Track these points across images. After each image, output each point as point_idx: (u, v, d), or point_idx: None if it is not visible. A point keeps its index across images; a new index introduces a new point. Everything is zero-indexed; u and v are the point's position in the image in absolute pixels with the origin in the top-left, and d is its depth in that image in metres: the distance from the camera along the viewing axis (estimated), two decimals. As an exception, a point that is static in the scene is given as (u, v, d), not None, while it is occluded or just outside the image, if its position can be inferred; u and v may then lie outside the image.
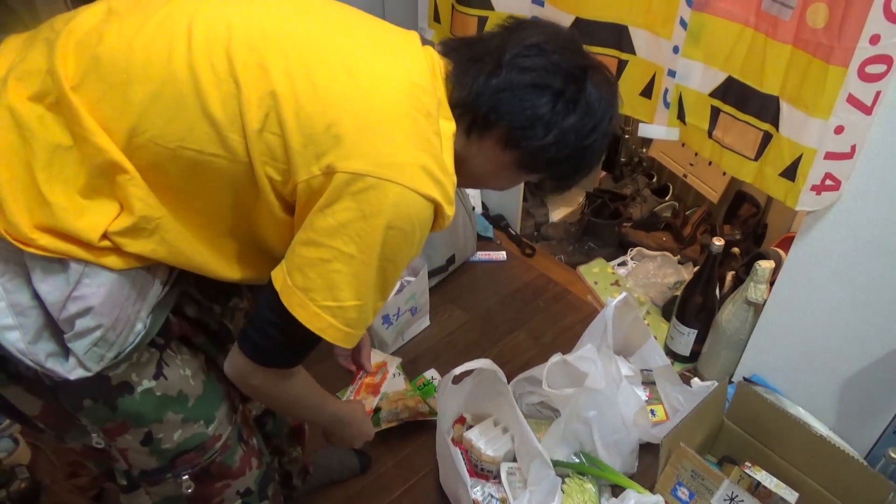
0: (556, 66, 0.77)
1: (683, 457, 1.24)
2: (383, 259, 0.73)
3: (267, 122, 0.69)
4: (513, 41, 0.79)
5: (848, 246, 1.24)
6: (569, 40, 0.81)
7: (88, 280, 0.71)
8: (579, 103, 0.78)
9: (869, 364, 1.31)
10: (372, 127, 0.70)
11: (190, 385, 0.84)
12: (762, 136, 1.21)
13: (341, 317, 0.74)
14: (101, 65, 0.69)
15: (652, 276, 1.90)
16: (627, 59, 1.40)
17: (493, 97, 0.77)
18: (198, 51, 0.70)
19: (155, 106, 0.69)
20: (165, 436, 0.83)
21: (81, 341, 0.72)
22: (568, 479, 1.34)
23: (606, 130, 0.82)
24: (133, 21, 0.72)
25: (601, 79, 0.80)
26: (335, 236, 0.70)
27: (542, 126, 0.78)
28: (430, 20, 1.76)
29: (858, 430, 1.38)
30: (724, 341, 1.54)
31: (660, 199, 2.18)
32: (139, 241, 0.72)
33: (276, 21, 0.74)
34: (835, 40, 1.04)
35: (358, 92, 0.71)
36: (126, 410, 0.79)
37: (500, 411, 1.38)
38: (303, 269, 0.72)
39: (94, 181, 0.70)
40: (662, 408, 1.51)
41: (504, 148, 0.81)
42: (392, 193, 0.70)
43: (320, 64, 0.72)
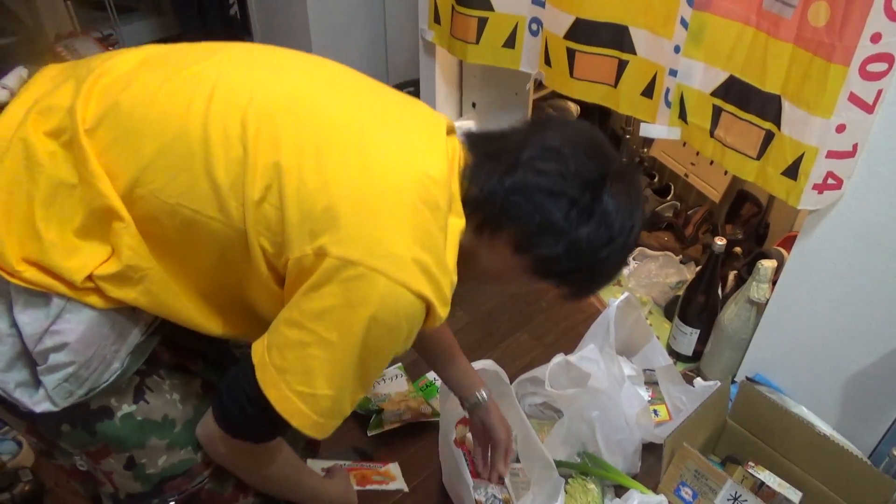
0: (573, 173, 0.73)
1: (687, 457, 1.24)
2: (364, 350, 0.70)
3: (268, 193, 0.68)
4: (532, 141, 0.75)
5: (850, 244, 1.24)
6: (591, 145, 0.77)
7: (69, 316, 0.71)
8: (594, 213, 0.73)
9: (872, 363, 1.31)
10: (371, 213, 0.68)
11: (178, 409, 0.82)
12: (764, 134, 1.21)
13: (313, 405, 0.71)
14: (120, 111, 0.70)
15: (654, 275, 1.90)
16: (628, 60, 1.40)
17: (505, 198, 0.74)
18: (215, 112, 0.69)
19: (162, 160, 0.69)
20: (149, 461, 0.81)
21: (52, 376, 0.71)
22: (571, 479, 1.34)
23: (625, 244, 0.77)
24: (161, 74, 0.73)
25: (621, 188, 0.75)
26: (318, 320, 0.68)
27: (553, 234, 0.74)
28: (431, 21, 1.76)
29: (862, 428, 1.38)
30: (726, 341, 1.53)
31: (661, 199, 2.18)
32: (123, 289, 0.72)
33: (301, 92, 0.73)
34: (836, 39, 1.04)
35: (365, 176, 0.69)
36: (106, 435, 0.78)
37: (503, 412, 1.38)
38: (282, 349, 0.70)
39: (89, 223, 0.70)
40: (665, 408, 1.51)
41: (514, 252, 0.76)
42: (380, 285, 0.67)
43: (334, 142, 0.70)
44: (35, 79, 0.78)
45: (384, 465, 1.38)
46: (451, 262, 0.74)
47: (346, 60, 0.82)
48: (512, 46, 1.61)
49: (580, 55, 1.46)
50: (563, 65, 1.50)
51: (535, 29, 1.55)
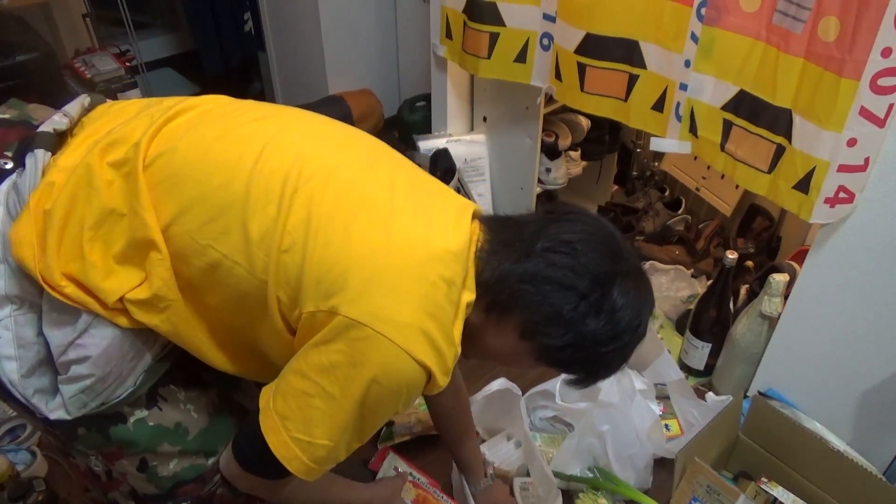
0: (584, 268, 0.75)
1: (699, 472, 1.23)
2: (363, 408, 0.73)
3: (293, 248, 0.72)
4: (548, 232, 0.77)
5: (863, 258, 1.24)
6: (606, 242, 0.79)
7: (94, 331, 0.75)
8: (602, 309, 0.75)
9: (887, 377, 1.29)
10: (386, 281, 0.71)
11: (192, 419, 0.86)
12: (775, 148, 1.21)
13: (309, 452, 0.74)
14: (176, 155, 0.75)
15: (665, 289, 1.90)
16: (639, 74, 1.41)
17: (516, 284, 0.76)
18: (259, 171, 0.74)
19: (202, 204, 0.74)
20: (161, 465, 0.84)
21: (71, 386, 0.76)
22: (582, 493, 1.33)
23: (631, 341, 0.78)
24: (221, 126, 0.79)
25: (630, 286, 0.77)
26: (322, 374, 0.71)
27: (560, 326, 0.75)
28: (443, 36, 1.78)
29: (877, 444, 1.36)
30: (738, 355, 1.52)
31: (672, 213, 2.18)
32: (148, 314, 0.77)
33: (341, 164, 0.77)
34: (846, 53, 1.04)
35: (386, 246, 0.72)
36: (119, 438, 0.81)
37: (513, 426, 1.38)
38: (286, 397, 0.74)
39: (129, 251, 0.75)
40: (677, 422, 1.50)
41: (521, 337, 0.78)
42: (384, 349, 0.70)
43: (362, 213, 0.74)
44: (106, 110, 0.84)
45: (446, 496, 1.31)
46: (457, 334, 0.76)
47: (358, 76, 0.87)
48: (523, 61, 1.62)
49: (591, 69, 1.47)
50: (573, 79, 1.51)
51: (547, 44, 1.57)
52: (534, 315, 0.76)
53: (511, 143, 1.96)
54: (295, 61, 2.46)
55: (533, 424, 1.47)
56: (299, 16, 2.27)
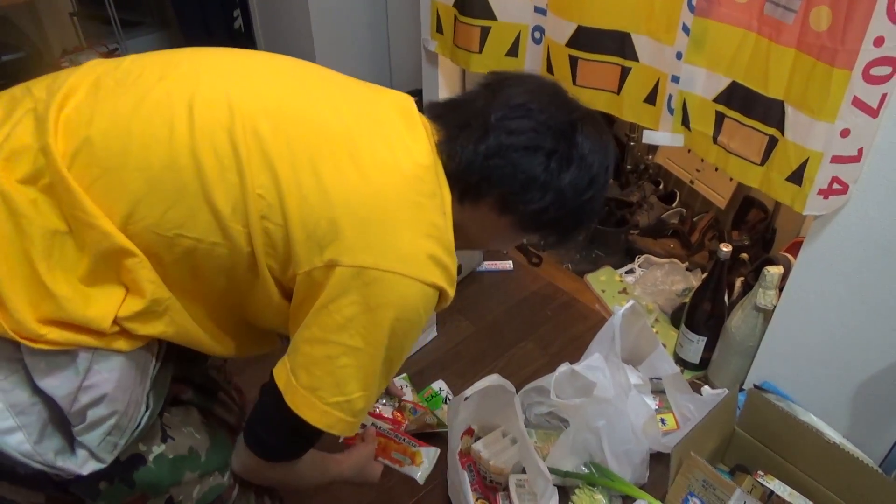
0: (544, 125, 0.75)
1: (694, 466, 1.23)
2: (390, 349, 0.72)
3: (270, 212, 0.68)
4: (497, 102, 0.76)
5: (857, 249, 1.23)
6: (554, 92, 0.79)
7: (98, 367, 0.68)
8: (573, 160, 0.76)
9: (882, 369, 1.29)
10: (376, 219, 0.69)
11: (196, 439, 0.81)
12: (767, 140, 1.20)
13: (349, 410, 0.74)
14: (94, 147, 0.66)
15: (660, 283, 1.89)
16: (631, 66, 1.40)
17: (483, 165, 0.75)
18: (200, 136, 0.67)
19: (153, 193, 0.67)
20: (185, 496, 0.80)
21: (94, 432, 0.69)
22: (578, 490, 1.33)
23: (605, 182, 0.80)
24: (127, 99, 0.69)
25: (591, 130, 0.78)
26: (342, 332, 0.70)
27: (538, 188, 0.75)
28: (433, 31, 1.77)
29: (873, 436, 1.36)
30: (733, 348, 1.52)
31: (667, 206, 2.17)
32: (150, 324, 0.71)
33: (278, 100, 0.72)
34: (838, 43, 1.03)
35: (363, 182, 0.70)
36: (144, 482, 0.75)
37: (509, 422, 1.37)
38: (308, 368, 0.72)
39: (97, 267, 0.67)
40: (672, 416, 1.49)
41: (500, 213, 0.78)
42: (399, 286, 0.69)
43: (324, 151, 0.70)
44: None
45: (423, 445, 1.30)
46: (452, 241, 0.75)
47: (349, 70, 0.82)
48: (515, 55, 1.61)
49: (583, 62, 1.46)
50: (565, 72, 1.50)
51: (538, 37, 1.56)
52: (509, 187, 0.75)
53: (504, 137, 1.94)
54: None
55: (528, 420, 1.47)
56: (289, 12, 2.26)
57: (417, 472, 1.32)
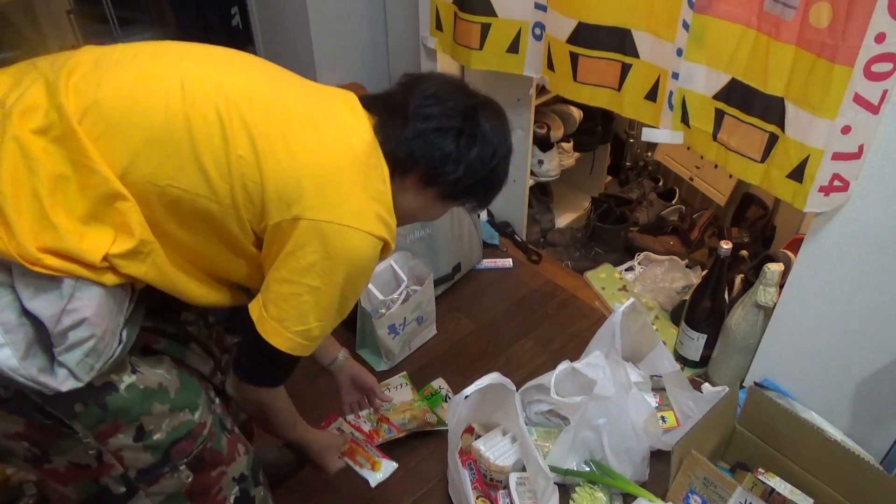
0: (452, 110, 0.91)
1: (695, 464, 1.23)
2: (345, 289, 0.88)
3: (249, 172, 0.81)
4: (414, 94, 0.92)
5: (858, 247, 1.23)
6: (458, 85, 0.97)
7: (80, 294, 0.76)
8: (477, 136, 0.92)
9: (883, 366, 1.29)
10: (335, 182, 0.84)
11: (166, 378, 0.89)
12: (768, 137, 1.20)
13: (307, 336, 0.89)
14: (102, 107, 0.78)
15: (660, 280, 1.89)
16: (631, 63, 1.40)
17: (407, 145, 0.90)
18: (191, 106, 0.80)
19: (151, 148, 0.79)
20: (155, 427, 0.86)
21: (74, 352, 0.76)
22: (579, 487, 1.33)
23: (506, 153, 0.97)
24: (128, 73, 0.82)
25: (490, 112, 0.95)
26: (306, 274, 0.84)
27: (452, 162, 0.91)
28: (433, 28, 1.76)
29: (873, 434, 1.36)
30: (734, 346, 1.52)
31: (666, 203, 2.17)
32: (135, 264, 0.80)
33: (253, 85, 0.86)
34: (839, 39, 1.03)
35: (324, 153, 0.85)
36: (116, 406, 0.83)
37: (509, 420, 1.37)
38: (277, 303, 0.87)
39: (95, 209, 0.77)
40: (673, 414, 1.49)
41: (425, 186, 0.94)
42: (353, 237, 0.85)
43: (293, 127, 0.84)
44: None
45: (386, 458, 1.41)
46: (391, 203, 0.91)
47: (348, 68, 0.92)
48: (516, 51, 1.61)
49: (583, 59, 1.46)
50: (566, 69, 1.50)
51: (539, 33, 1.55)
52: (429, 163, 0.91)
53: (503, 135, 1.94)
54: (284, 56, 2.44)
55: (528, 419, 1.47)
56: (287, 9, 2.25)
57: (374, 476, 1.40)
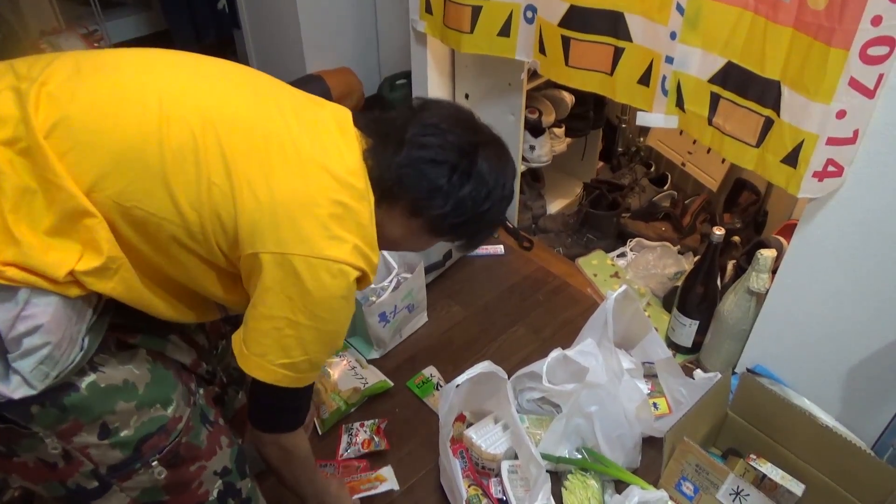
0: (450, 144, 0.88)
1: (687, 451, 1.22)
2: (326, 322, 0.86)
3: (223, 201, 0.79)
4: (414, 120, 0.90)
5: (851, 233, 1.22)
6: (464, 119, 0.93)
7: (36, 300, 0.74)
8: (472, 175, 0.89)
9: (875, 352, 1.29)
10: (311, 214, 0.81)
11: (135, 374, 0.87)
12: (763, 121, 1.19)
13: (294, 368, 0.87)
14: (72, 122, 0.75)
15: (652, 266, 1.88)
16: (624, 47, 1.37)
17: (397, 172, 0.87)
18: (166, 127, 0.77)
19: (119, 168, 0.76)
20: (122, 424, 0.84)
21: (27, 360, 0.74)
22: (570, 475, 1.32)
23: (501, 197, 0.93)
24: (105, 86, 0.79)
25: (491, 152, 0.91)
26: (283, 309, 0.82)
27: (441, 196, 0.88)
28: (422, 11, 1.73)
29: (865, 419, 1.36)
30: (726, 332, 1.52)
31: (658, 189, 2.16)
32: (102, 281, 0.78)
33: (234, 107, 0.83)
34: (836, 22, 1.01)
35: (303, 184, 0.82)
36: (75, 406, 0.80)
37: (500, 408, 1.36)
38: (258, 340, 0.85)
39: (61, 224, 0.75)
40: (665, 401, 1.49)
41: (410, 216, 0.91)
42: (327, 269, 0.82)
43: (272, 153, 0.81)
44: None
45: (375, 470, 1.36)
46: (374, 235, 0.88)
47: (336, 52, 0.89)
48: (507, 35, 1.58)
49: (575, 43, 1.43)
50: (558, 53, 1.48)
51: (530, 16, 1.52)
52: (417, 193, 0.88)
53: (494, 120, 1.89)
54: (271, 40, 2.40)
55: (520, 406, 1.46)
56: (274, -8, 2.20)
57: (388, 485, 1.33)
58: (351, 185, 0.84)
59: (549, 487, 1.20)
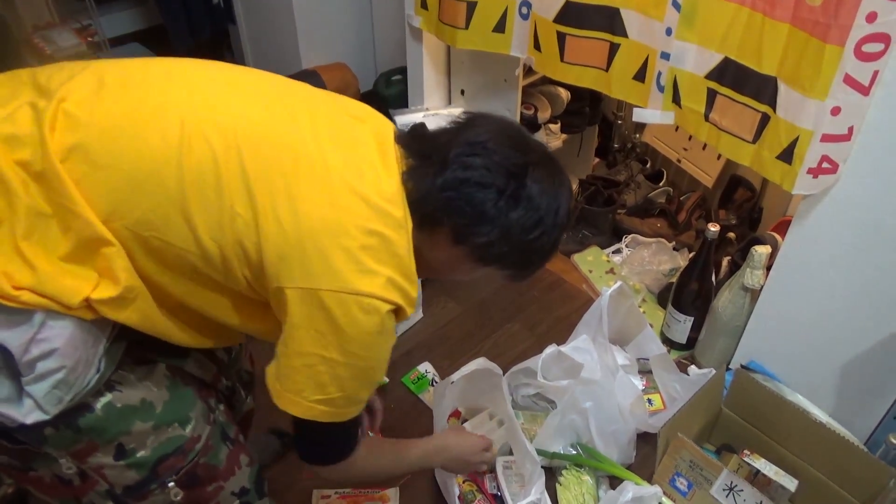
0: (497, 165, 0.79)
1: (681, 447, 1.23)
2: (361, 359, 0.81)
3: (247, 231, 0.74)
4: (459, 139, 0.81)
5: (845, 229, 1.22)
6: (514, 136, 0.84)
7: (52, 322, 0.71)
8: (521, 199, 0.80)
9: (868, 348, 1.29)
10: (341, 245, 0.75)
11: (153, 392, 0.84)
12: (760, 117, 1.19)
13: (331, 403, 0.82)
14: (90, 145, 0.71)
15: (647, 263, 1.88)
16: (619, 43, 1.37)
17: (439, 195, 0.79)
18: (187, 152, 0.73)
19: (136, 197, 0.72)
20: (137, 445, 0.82)
21: (41, 384, 0.72)
22: (565, 471, 1.33)
23: (554, 224, 0.83)
24: (127, 105, 0.74)
25: (543, 174, 0.82)
26: (315, 346, 0.78)
27: (486, 223, 0.80)
28: (418, 7, 1.73)
29: (858, 415, 1.37)
30: (720, 328, 1.52)
31: (654, 185, 2.16)
32: (118, 310, 0.75)
33: (262, 125, 0.77)
34: (831, 18, 1.01)
35: (332, 212, 0.76)
36: (90, 427, 0.78)
37: (496, 404, 1.37)
38: (291, 377, 0.80)
39: (77, 251, 0.72)
40: (659, 397, 1.49)
41: (454, 243, 0.83)
42: (360, 304, 0.76)
43: (301, 176, 0.75)
44: None
45: (382, 489, 1.34)
46: (412, 264, 0.81)
47: (332, 47, 0.84)
48: (502, 31, 1.58)
49: (570, 39, 1.43)
50: (553, 49, 1.47)
51: (525, 12, 1.52)
52: (461, 218, 0.80)
53: (490, 116, 1.91)
54: (267, 35, 2.39)
55: (515, 402, 1.46)
56: (269, -14, 2.19)
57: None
58: (387, 213, 0.78)
59: (543, 483, 1.20)
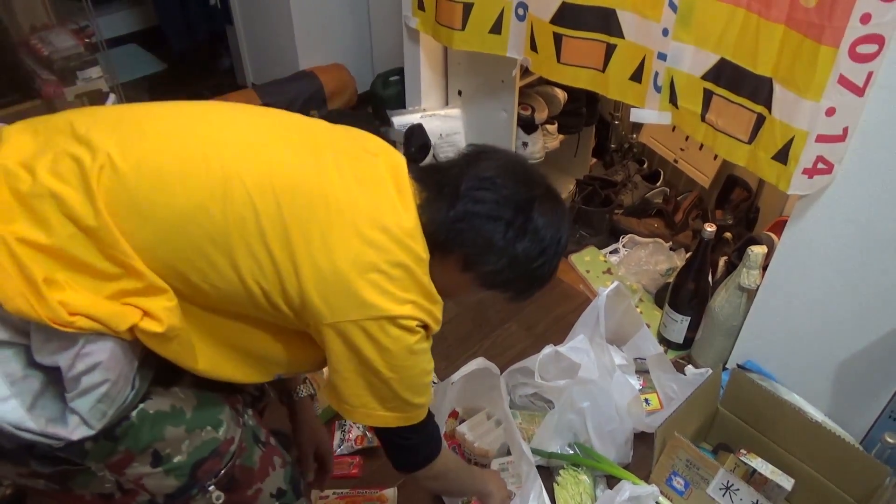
0: (506, 199, 0.86)
1: (678, 446, 1.23)
2: (408, 371, 0.87)
3: (288, 277, 0.79)
4: (469, 173, 0.87)
5: (841, 230, 1.23)
6: (520, 171, 0.90)
7: (93, 337, 0.74)
8: (528, 231, 0.87)
9: (863, 348, 1.30)
10: (374, 282, 0.81)
11: (181, 398, 0.86)
12: (755, 118, 1.19)
13: (397, 409, 0.90)
14: (136, 198, 0.75)
15: (644, 263, 1.89)
16: (616, 44, 1.38)
17: (451, 227, 0.86)
18: (230, 202, 0.77)
19: (176, 238, 0.76)
20: (173, 450, 0.84)
21: (86, 398, 0.75)
22: (563, 470, 1.33)
23: (555, 253, 0.91)
24: (169, 156, 0.78)
25: (548, 207, 0.89)
26: (363, 370, 0.84)
27: (495, 253, 0.86)
28: (415, 8, 1.73)
29: (854, 414, 1.37)
30: (717, 328, 1.52)
31: (651, 185, 2.16)
32: (159, 345, 0.78)
33: (293, 175, 0.82)
34: (826, 19, 1.02)
35: (363, 248, 0.81)
36: (126, 434, 0.80)
37: (493, 405, 1.37)
38: (353, 393, 0.87)
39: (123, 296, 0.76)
40: (656, 396, 1.50)
41: (463, 270, 0.89)
42: (397, 323, 0.82)
43: (333, 222, 0.81)
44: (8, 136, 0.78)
45: (380, 489, 1.35)
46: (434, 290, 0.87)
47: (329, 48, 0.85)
48: (498, 32, 1.58)
49: (567, 40, 1.44)
50: (549, 50, 1.48)
51: (522, 14, 1.53)
52: (471, 248, 0.87)
53: (487, 117, 1.92)
54: (264, 36, 2.39)
55: (513, 402, 1.46)
56: (267, -13, 2.20)
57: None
58: (409, 248, 0.83)
59: (540, 483, 1.20)
